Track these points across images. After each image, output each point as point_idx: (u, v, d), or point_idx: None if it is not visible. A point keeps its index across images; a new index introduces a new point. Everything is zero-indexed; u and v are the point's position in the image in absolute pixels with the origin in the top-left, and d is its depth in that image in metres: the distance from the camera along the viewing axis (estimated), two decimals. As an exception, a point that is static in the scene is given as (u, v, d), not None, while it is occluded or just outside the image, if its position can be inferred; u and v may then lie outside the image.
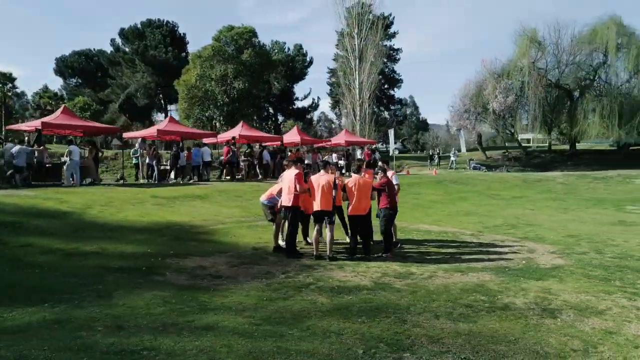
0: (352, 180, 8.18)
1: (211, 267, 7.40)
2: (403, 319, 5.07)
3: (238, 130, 21.76)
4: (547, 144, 45.29)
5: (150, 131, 19.75)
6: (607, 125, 32.73)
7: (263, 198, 8.86)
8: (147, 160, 18.50)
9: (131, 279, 6.50)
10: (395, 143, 34.73)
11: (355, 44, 37.35)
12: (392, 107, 55.61)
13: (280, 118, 54.06)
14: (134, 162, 18.89)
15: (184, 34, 55.85)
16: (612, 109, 32.61)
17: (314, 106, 56.45)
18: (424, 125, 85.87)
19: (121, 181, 19.04)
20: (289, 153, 24.44)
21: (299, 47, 52.91)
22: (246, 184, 18.35)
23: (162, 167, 18.84)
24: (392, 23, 48.90)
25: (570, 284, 6.46)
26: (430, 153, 37.25)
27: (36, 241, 8.29)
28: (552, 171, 32.11)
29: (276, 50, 51.34)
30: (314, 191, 8.10)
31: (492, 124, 36.23)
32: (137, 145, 18.95)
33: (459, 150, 36.29)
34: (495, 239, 10.14)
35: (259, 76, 41.61)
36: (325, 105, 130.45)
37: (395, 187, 8.82)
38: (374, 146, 31.52)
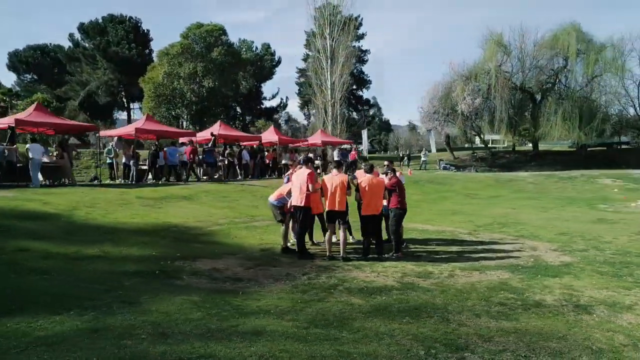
0: (365, 180, 8.13)
1: (226, 269, 7.19)
2: (446, 318, 5.06)
3: (216, 129, 21.32)
4: (505, 145, 46.92)
5: (128, 129, 19.05)
6: (568, 127, 34.13)
7: (272, 198, 8.69)
8: (123, 160, 17.84)
9: (149, 284, 6.22)
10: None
11: (327, 45, 37.39)
12: (361, 108, 56.10)
13: (248, 117, 53.41)
14: (107, 161, 18.16)
15: (148, 31, 54.39)
16: (573, 112, 34.07)
17: (283, 106, 56.25)
18: (386, 126, 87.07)
19: (95, 181, 18.30)
20: (266, 153, 24.19)
21: (267, 47, 52.59)
22: (229, 184, 18.02)
23: (139, 167, 18.19)
24: (360, 24, 49.28)
25: (587, 281, 6.65)
26: (401, 154, 37.81)
27: (32, 245, 7.82)
28: (517, 171, 33.12)
29: (244, 49, 50.74)
30: (327, 191, 8.02)
31: (460, 125, 37.09)
32: (111, 144, 18.23)
33: (429, 151, 36.99)
34: (493, 237, 10.35)
35: (229, 75, 41.02)
36: (291, 106, 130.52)
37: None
38: (345, 146, 31.57)
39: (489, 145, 45.24)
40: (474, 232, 11.08)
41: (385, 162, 9.38)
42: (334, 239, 8.40)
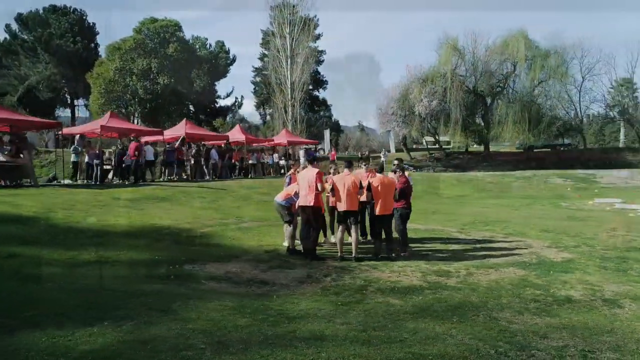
0: (376, 179, 8.08)
1: (242, 273, 6.90)
2: (492, 316, 5.08)
3: (183, 128, 20.60)
4: (451, 146, 48.64)
5: (92, 127, 17.97)
6: (519, 129, 35.83)
7: (280, 198, 8.44)
8: (86, 159, 16.83)
9: (171, 290, 5.86)
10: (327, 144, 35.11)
11: (286, 44, 37.11)
12: (317, 108, 56.13)
13: (202, 116, 51.96)
14: (72, 160, 17.05)
15: (94, 24, 51.76)
16: (523, 115, 35.78)
17: (238, 105, 55.21)
18: (336, 127, 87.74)
19: (54, 181, 17.20)
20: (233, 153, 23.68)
21: (221, 44, 51.38)
22: (201, 185, 17.41)
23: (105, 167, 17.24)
24: (317, 25, 49.29)
25: (598, 276, 6.90)
26: (360, 155, 38.16)
27: (20, 251, 7.20)
28: (471, 171, 34.29)
29: (198, 46, 49.37)
30: (338, 191, 7.90)
31: (417, 127, 37.93)
32: (75, 142, 17.16)
33: (389, 151, 37.59)
34: (484, 236, 10.59)
35: (184, 72, 39.79)
36: (246, 105, 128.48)
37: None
38: (309, 146, 31.47)
39: (442, 146, 46.57)
40: (464, 231, 11.30)
41: (395, 161, 9.39)
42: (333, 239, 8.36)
